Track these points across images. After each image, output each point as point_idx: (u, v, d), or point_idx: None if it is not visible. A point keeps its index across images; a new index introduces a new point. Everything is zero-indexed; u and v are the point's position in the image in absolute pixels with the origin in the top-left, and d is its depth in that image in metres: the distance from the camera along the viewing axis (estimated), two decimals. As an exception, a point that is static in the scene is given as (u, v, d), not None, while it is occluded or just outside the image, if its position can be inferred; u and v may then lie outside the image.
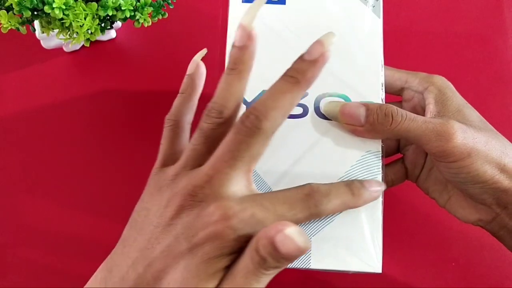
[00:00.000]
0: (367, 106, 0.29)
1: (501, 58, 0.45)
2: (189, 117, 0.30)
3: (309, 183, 0.25)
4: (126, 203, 0.28)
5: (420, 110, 0.33)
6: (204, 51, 0.32)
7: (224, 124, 0.26)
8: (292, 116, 0.30)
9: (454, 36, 0.46)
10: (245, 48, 0.25)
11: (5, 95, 0.45)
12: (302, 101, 0.30)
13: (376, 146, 0.30)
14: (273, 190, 0.29)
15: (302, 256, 0.28)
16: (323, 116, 0.30)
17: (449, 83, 0.32)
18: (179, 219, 0.24)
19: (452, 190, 0.32)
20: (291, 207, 0.24)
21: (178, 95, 0.30)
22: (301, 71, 0.24)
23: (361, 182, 0.27)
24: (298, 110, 0.30)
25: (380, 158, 0.29)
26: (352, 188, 0.26)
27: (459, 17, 0.46)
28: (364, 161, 0.30)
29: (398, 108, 0.28)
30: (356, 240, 0.29)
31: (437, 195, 0.33)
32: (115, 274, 0.25)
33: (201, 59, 0.32)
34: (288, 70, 0.24)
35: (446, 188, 0.32)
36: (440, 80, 0.32)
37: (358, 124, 0.28)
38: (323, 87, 0.31)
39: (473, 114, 0.31)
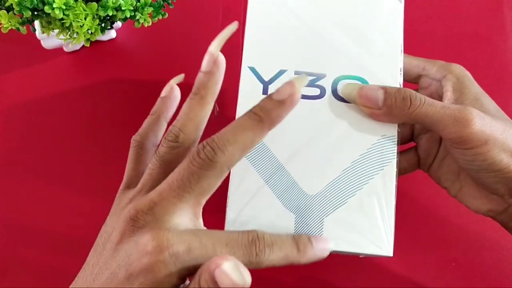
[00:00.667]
0: (385, 89, 0.28)
1: (501, 58, 0.45)
2: (154, 139, 0.30)
3: (255, 230, 0.25)
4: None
5: (437, 97, 0.32)
6: (181, 77, 0.32)
7: (179, 148, 0.26)
8: (309, 97, 0.30)
9: (454, 36, 0.46)
10: (210, 73, 0.26)
11: (5, 95, 0.45)
12: (319, 83, 0.31)
13: (392, 131, 0.29)
14: (285, 168, 0.30)
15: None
16: (341, 99, 0.30)
17: (467, 72, 0.32)
18: (123, 245, 0.24)
19: (464, 179, 0.31)
20: (232, 251, 0.23)
21: (148, 116, 0.30)
22: (266, 110, 0.23)
23: (310, 238, 0.26)
24: (315, 91, 0.30)
25: (396, 143, 0.29)
26: (299, 244, 0.25)
27: (459, 17, 0.46)
28: (379, 145, 0.30)
29: (417, 93, 0.28)
30: (369, 223, 0.29)
31: (449, 184, 0.32)
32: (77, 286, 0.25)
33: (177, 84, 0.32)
34: (254, 106, 0.24)
35: (459, 177, 0.32)
36: (459, 69, 0.32)
37: (375, 107, 0.28)
38: (341, 69, 0.31)
39: (490, 103, 0.31)
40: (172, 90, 0.31)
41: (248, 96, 0.30)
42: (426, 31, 0.46)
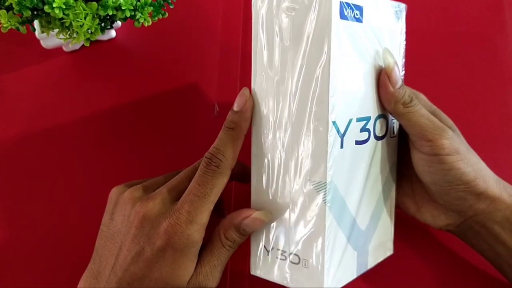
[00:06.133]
0: (403, 82, 0.32)
1: (501, 58, 0.45)
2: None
3: (205, 155, 0.31)
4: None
5: None
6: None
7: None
8: (361, 143, 0.31)
9: (454, 36, 0.46)
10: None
11: (5, 94, 0.45)
12: (368, 126, 0.31)
13: (394, 159, 0.35)
14: (352, 212, 0.31)
15: (360, 266, 0.32)
16: (379, 138, 0.32)
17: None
18: (142, 229, 0.30)
19: (420, 201, 0.35)
20: (205, 184, 0.30)
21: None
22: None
23: (231, 110, 0.31)
24: (365, 136, 0.31)
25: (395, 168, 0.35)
26: (229, 125, 0.31)
27: (459, 17, 0.46)
28: (391, 172, 0.34)
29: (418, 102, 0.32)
30: (389, 235, 0.36)
31: (406, 206, 0.36)
32: (100, 279, 0.30)
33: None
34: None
35: (415, 200, 0.35)
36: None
37: (391, 85, 0.31)
38: (377, 110, 0.32)
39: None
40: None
41: (333, 152, 0.28)
42: (426, 31, 0.46)
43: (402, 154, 0.35)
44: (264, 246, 0.31)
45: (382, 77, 0.31)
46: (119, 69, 0.46)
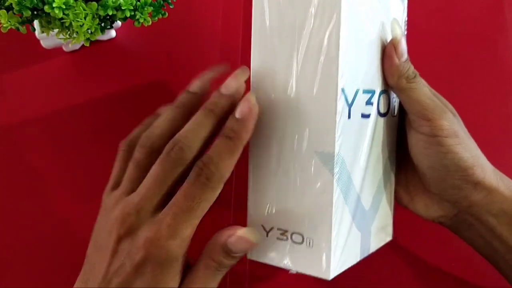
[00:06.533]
0: (409, 57, 0.31)
1: (501, 58, 0.45)
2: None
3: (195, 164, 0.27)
4: (126, 203, 0.28)
5: None
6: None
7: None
8: (366, 116, 0.30)
9: (454, 36, 0.46)
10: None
11: (4, 94, 0.45)
12: (372, 100, 0.30)
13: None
14: (358, 192, 0.30)
15: (364, 244, 0.31)
16: (382, 115, 0.31)
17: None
18: (121, 245, 0.27)
19: (414, 191, 0.34)
20: (192, 197, 0.26)
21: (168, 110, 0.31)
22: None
23: (231, 116, 0.28)
24: (369, 110, 0.30)
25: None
26: (228, 133, 0.27)
27: (459, 17, 0.46)
28: (394, 154, 0.34)
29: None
30: (389, 219, 0.34)
31: (399, 196, 0.35)
32: (90, 285, 0.28)
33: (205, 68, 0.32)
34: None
35: (408, 189, 0.35)
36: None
37: (397, 56, 0.30)
38: (380, 83, 0.31)
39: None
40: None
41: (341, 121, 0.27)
42: (426, 31, 0.46)
43: (397, 140, 0.34)
44: (262, 226, 0.29)
45: (388, 48, 0.30)
46: (119, 69, 0.46)
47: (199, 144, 0.27)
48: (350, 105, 0.28)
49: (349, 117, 0.27)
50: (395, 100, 0.33)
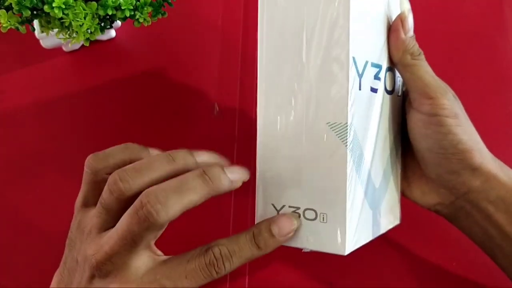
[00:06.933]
0: (415, 36, 0.31)
1: (501, 58, 0.45)
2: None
3: (212, 246, 0.26)
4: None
5: None
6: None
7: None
8: (374, 90, 0.30)
9: (454, 36, 0.46)
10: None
11: (4, 94, 0.45)
12: (380, 75, 0.30)
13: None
14: (369, 168, 0.29)
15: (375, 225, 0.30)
16: (389, 92, 0.31)
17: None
18: (93, 284, 0.26)
19: (412, 177, 0.34)
20: (193, 280, 0.25)
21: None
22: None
23: (271, 230, 0.26)
24: (377, 84, 0.30)
25: None
26: (259, 242, 0.26)
27: (459, 17, 0.46)
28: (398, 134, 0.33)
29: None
30: (396, 200, 0.34)
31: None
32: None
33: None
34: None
35: (406, 175, 0.34)
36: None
37: (404, 31, 0.30)
38: (386, 59, 0.31)
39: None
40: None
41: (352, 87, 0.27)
42: (426, 31, 0.46)
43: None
44: (273, 205, 0.28)
45: (395, 22, 0.30)
46: (119, 69, 0.46)
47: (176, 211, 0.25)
48: (360, 76, 0.27)
49: (359, 88, 0.27)
50: (399, 79, 0.33)
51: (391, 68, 0.32)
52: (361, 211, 0.28)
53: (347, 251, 0.27)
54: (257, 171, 0.29)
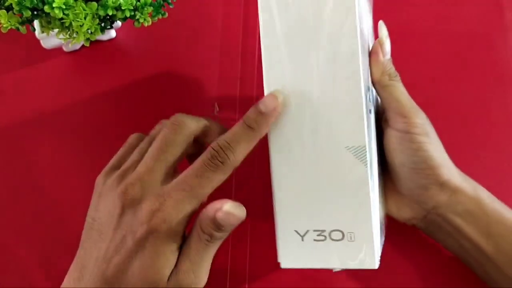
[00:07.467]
0: (390, 59, 0.33)
1: (501, 58, 0.45)
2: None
3: (211, 145, 0.28)
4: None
5: None
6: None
7: None
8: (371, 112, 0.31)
9: (454, 36, 0.46)
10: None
11: (4, 94, 0.45)
12: (371, 96, 0.32)
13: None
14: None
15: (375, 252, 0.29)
16: (371, 112, 0.32)
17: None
18: (123, 218, 0.28)
19: (388, 192, 0.35)
20: (203, 177, 0.27)
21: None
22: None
23: (256, 107, 0.28)
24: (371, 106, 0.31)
25: None
26: (250, 123, 0.28)
27: (459, 17, 0.46)
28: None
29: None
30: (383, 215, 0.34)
31: None
32: (84, 273, 0.28)
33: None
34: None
35: (384, 192, 0.35)
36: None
37: (383, 54, 0.32)
38: (368, 80, 0.32)
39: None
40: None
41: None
42: (426, 31, 0.46)
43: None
44: (296, 231, 0.28)
45: (375, 45, 0.32)
46: (119, 69, 0.46)
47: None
48: (366, 100, 0.29)
49: (369, 112, 0.29)
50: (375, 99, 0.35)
51: (369, 88, 0.33)
52: (378, 225, 0.29)
53: (377, 265, 0.28)
54: (274, 200, 0.29)
